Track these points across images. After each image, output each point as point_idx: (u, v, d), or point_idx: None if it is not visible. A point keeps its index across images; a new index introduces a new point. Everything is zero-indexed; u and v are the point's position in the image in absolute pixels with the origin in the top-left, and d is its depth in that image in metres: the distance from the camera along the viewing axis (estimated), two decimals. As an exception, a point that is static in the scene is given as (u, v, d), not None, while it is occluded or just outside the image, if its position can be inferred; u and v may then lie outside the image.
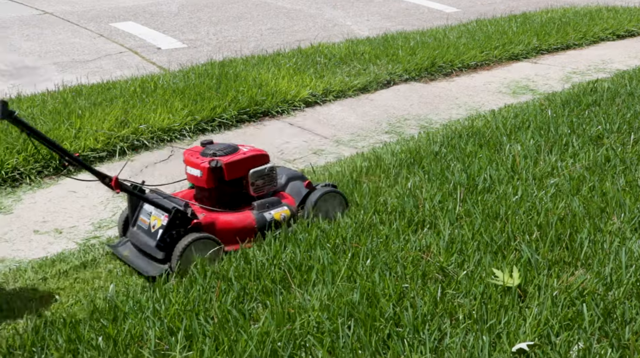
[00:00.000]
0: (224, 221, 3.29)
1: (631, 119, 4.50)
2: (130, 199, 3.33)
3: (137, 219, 3.33)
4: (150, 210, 3.27)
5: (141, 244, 3.24)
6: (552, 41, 7.86)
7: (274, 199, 3.46)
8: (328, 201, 3.50)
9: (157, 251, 3.14)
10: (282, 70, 6.26)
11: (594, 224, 3.12)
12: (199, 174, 3.33)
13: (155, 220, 3.22)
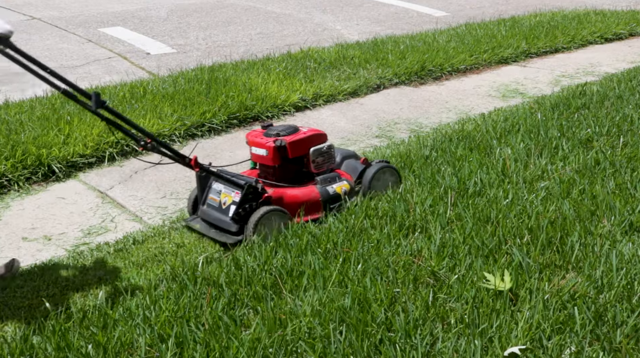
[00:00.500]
0: (291, 195, 3.58)
1: (620, 122, 4.52)
2: (200, 180, 3.63)
3: (207, 198, 3.63)
4: (220, 189, 3.59)
5: (213, 219, 3.54)
6: (541, 45, 7.89)
7: (334, 174, 3.77)
8: (384, 176, 3.78)
9: (231, 225, 3.44)
10: (272, 75, 6.25)
11: (584, 227, 3.12)
12: (265, 153, 3.62)
13: (225, 197, 3.53)
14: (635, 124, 4.47)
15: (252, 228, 3.33)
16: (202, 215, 3.62)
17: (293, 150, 3.63)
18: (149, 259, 3.27)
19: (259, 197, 3.46)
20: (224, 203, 3.52)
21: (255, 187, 3.44)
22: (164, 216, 3.97)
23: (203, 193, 3.66)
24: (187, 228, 3.66)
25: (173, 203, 4.16)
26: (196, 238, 3.46)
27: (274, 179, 3.67)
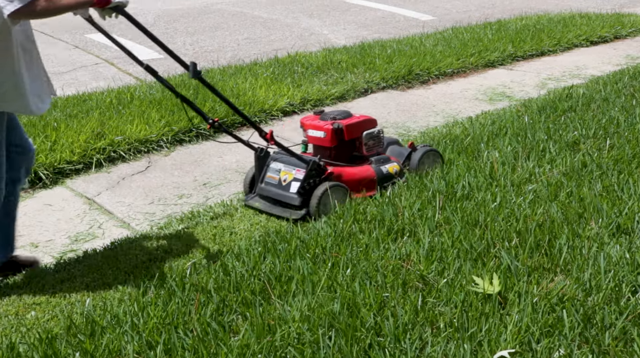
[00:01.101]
0: (349, 173, 3.92)
1: (606, 125, 4.54)
2: (258, 160, 3.96)
3: (265, 177, 3.93)
4: (279, 167, 3.90)
5: (274, 195, 3.84)
6: (527, 48, 7.92)
7: (385, 156, 4.11)
8: (429, 158, 4.15)
9: (295, 199, 3.75)
10: (259, 79, 6.24)
11: (572, 230, 3.13)
12: (323, 135, 3.95)
13: (286, 175, 3.85)
14: (621, 126, 4.50)
15: (317, 202, 3.68)
16: (261, 192, 3.92)
17: (349, 132, 3.97)
18: (137, 265, 3.26)
19: (321, 173, 3.80)
20: (284, 180, 3.84)
21: (318, 164, 3.79)
22: (151, 223, 3.95)
23: (261, 172, 3.96)
24: (247, 206, 3.95)
25: (161, 209, 4.15)
26: (184, 244, 3.44)
27: (330, 159, 3.95)
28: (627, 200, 3.38)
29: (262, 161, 3.96)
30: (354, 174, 3.93)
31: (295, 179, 3.78)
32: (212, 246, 3.39)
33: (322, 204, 3.68)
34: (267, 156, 3.98)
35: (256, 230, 3.54)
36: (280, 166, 3.90)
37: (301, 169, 3.80)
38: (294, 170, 3.83)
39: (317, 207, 3.67)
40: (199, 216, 3.86)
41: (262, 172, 3.96)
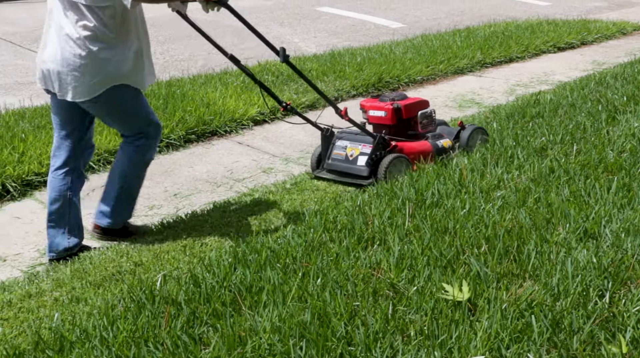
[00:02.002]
0: (410, 147, 4.41)
1: (573, 130, 4.60)
2: (324, 139, 4.47)
3: (332, 154, 4.44)
4: (345, 144, 4.43)
5: (342, 169, 4.37)
6: (495, 55, 8.01)
7: (438, 133, 4.63)
8: (477, 135, 4.67)
9: (364, 171, 4.26)
10: (229, 89, 6.23)
11: (540, 235, 3.16)
12: (384, 114, 4.47)
13: (352, 150, 4.37)
14: (587, 131, 4.56)
15: (384, 170, 4.17)
16: (329, 167, 4.45)
17: (406, 112, 4.48)
18: (106, 278, 3.22)
19: (386, 147, 4.30)
20: (351, 155, 4.35)
21: (384, 138, 4.29)
22: (121, 234, 3.92)
23: (327, 149, 4.47)
24: (317, 178, 4.48)
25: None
26: (154, 255, 3.42)
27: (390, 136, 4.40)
28: (593, 205, 3.42)
29: (328, 140, 4.49)
30: (413, 147, 4.41)
31: (362, 154, 4.30)
32: (183, 258, 3.37)
33: (389, 173, 4.17)
34: (332, 135, 4.50)
35: (226, 240, 3.52)
36: (345, 143, 4.43)
37: (367, 145, 4.31)
38: (360, 146, 4.35)
39: (385, 175, 4.15)
40: (170, 227, 3.84)
41: (329, 149, 4.46)
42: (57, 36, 3.33)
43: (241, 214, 3.86)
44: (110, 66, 3.35)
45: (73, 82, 3.33)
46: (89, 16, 3.27)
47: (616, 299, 2.64)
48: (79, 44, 3.29)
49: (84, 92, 3.35)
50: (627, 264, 2.84)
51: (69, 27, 3.29)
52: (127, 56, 3.39)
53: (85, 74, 3.32)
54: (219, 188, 4.57)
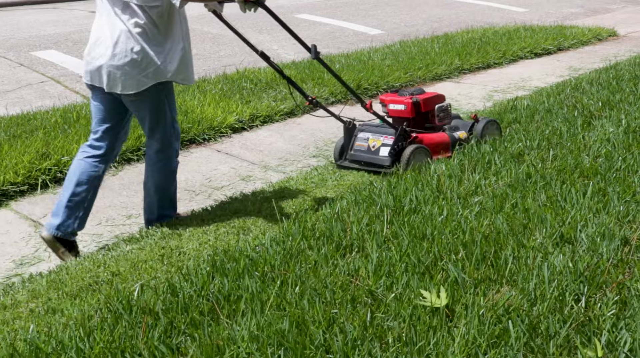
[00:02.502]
0: (429, 138, 4.72)
1: (550, 136, 4.63)
2: (347, 131, 4.77)
3: (354, 145, 4.74)
4: (367, 136, 4.72)
5: (365, 159, 4.68)
6: (473, 61, 8.07)
7: (454, 126, 4.96)
8: (491, 128, 4.99)
9: (386, 160, 4.56)
10: (207, 96, 6.22)
11: (517, 240, 3.18)
12: (403, 108, 4.76)
13: (374, 141, 4.67)
14: (564, 137, 4.60)
15: (406, 160, 4.47)
16: (352, 158, 4.75)
17: (425, 105, 4.80)
18: (83, 289, 3.20)
19: (408, 138, 4.60)
20: (374, 146, 4.66)
21: (405, 130, 4.59)
22: (99, 244, 3.90)
23: (350, 141, 4.77)
24: (340, 167, 4.80)
25: (109, 230, 4.09)
26: (131, 265, 3.39)
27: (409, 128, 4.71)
28: (569, 210, 3.45)
29: (350, 132, 4.78)
30: (432, 138, 4.73)
31: (384, 145, 4.61)
32: (160, 267, 3.35)
33: (410, 161, 4.46)
34: (355, 127, 4.80)
35: (205, 249, 3.51)
36: (367, 135, 4.73)
37: (389, 136, 4.61)
38: (382, 137, 4.65)
39: (407, 164, 4.45)
40: (147, 236, 3.82)
41: (351, 141, 4.76)
42: (109, 34, 3.58)
43: (219, 223, 3.84)
44: (159, 62, 3.59)
45: (123, 76, 3.58)
46: (140, 14, 3.53)
47: (592, 303, 2.66)
48: (131, 40, 3.54)
49: (132, 85, 3.60)
50: (602, 268, 2.86)
51: (121, 25, 3.55)
52: (174, 54, 3.64)
53: (135, 68, 3.56)
54: (197, 196, 4.55)
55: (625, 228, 3.20)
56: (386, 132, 4.66)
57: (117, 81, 3.59)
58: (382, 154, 4.59)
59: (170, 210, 4.05)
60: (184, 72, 3.73)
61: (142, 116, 3.81)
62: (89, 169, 3.77)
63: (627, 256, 2.96)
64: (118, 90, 3.61)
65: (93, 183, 3.78)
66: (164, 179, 3.95)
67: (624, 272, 2.85)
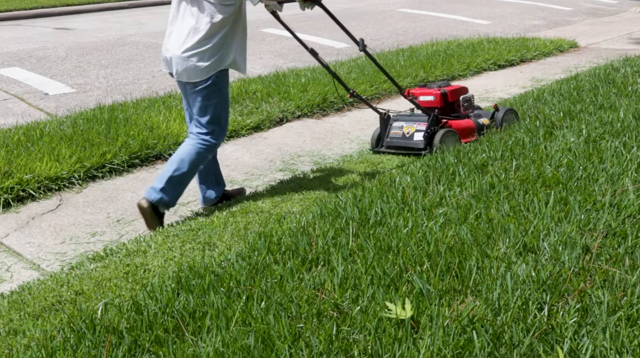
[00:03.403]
0: (457, 124, 5.33)
1: (513, 146, 4.69)
2: (382, 121, 5.39)
3: (389, 133, 5.35)
4: (401, 124, 5.34)
5: (400, 144, 5.29)
6: (438, 73, 8.14)
7: (478, 113, 5.59)
8: (510, 115, 5.58)
9: (421, 143, 5.17)
10: (173, 112, 6.19)
11: (481, 251, 3.21)
12: (433, 99, 5.37)
13: (408, 128, 5.29)
14: (526, 147, 4.65)
15: (438, 142, 5.06)
16: (388, 144, 5.35)
17: (451, 96, 5.41)
18: (45, 309, 3.15)
19: (439, 123, 5.23)
20: (408, 133, 5.26)
21: (437, 116, 5.22)
22: (63, 263, 3.85)
23: (385, 130, 5.38)
24: (377, 152, 5.41)
25: (72, 248, 4.04)
26: (95, 283, 3.35)
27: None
28: (532, 219, 3.49)
29: (386, 122, 5.39)
30: (460, 124, 5.32)
31: (418, 131, 5.21)
32: (125, 285, 3.32)
33: (443, 143, 5.04)
34: (389, 118, 5.39)
35: (170, 265, 3.48)
36: (402, 123, 5.33)
37: (421, 123, 5.22)
38: (415, 124, 5.25)
39: (440, 145, 5.02)
40: (112, 254, 3.78)
41: (387, 130, 5.36)
42: (183, 27, 4.03)
43: (185, 239, 3.82)
44: (223, 53, 4.06)
45: (189, 66, 4.02)
46: (213, 11, 3.97)
47: (554, 311, 2.69)
48: (202, 33, 3.98)
49: (198, 74, 4.04)
50: (564, 277, 2.90)
51: (194, 19, 3.98)
52: (236, 45, 4.12)
53: (203, 59, 4.01)
54: (163, 213, 4.51)
55: (586, 236, 3.25)
56: (419, 120, 5.25)
57: (185, 71, 4.03)
58: (417, 139, 5.17)
59: (172, 194, 4.19)
60: (238, 61, 4.17)
61: (198, 102, 4.15)
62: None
63: (589, 264, 3.00)
64: (184, 79, 4.08)
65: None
66: (188, 162, 4.16)
67: (585, 280, 2.88)
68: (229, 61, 4.10)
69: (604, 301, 2.68)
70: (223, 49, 4.05)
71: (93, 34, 11.62)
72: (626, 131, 4.73)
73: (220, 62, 4.07)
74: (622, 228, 3.29)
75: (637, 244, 3.14)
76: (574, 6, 15.86)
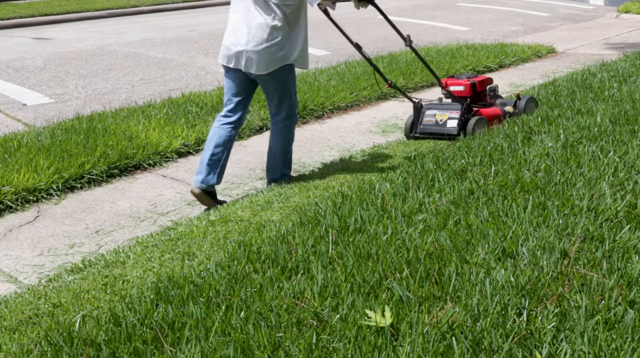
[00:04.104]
0: (486, 111, 5.85)
1: (491, 152, 4.71)
2: (416, 109, 5.85)
3: (422, 121, 5.80)
4: (434, 112, 5.78)
5: (434, 131, 5.74)
6: (417, 79, 8.19)
7: (504, 101, 6.10)
8: (531, 104, 6.11)
9: (454, 129, 5.62)
10: (152, 121, 6.16)
11: (460, 257, 3.21)
12: (463, 89, 5.85)
13: (441, 116, 5.72)
14: (505, 152, 4.68)
15: (472, 128, 5.52)
16: (421, 131, 5.81)
17: (479, 86, 5.92)
18: (22, 322, 3.11)
19: (470, 111, 5.73)
20: (441, 120, 5.71)
21: (469, 104, 5.71)
22: (40, 275, 3.81)
23: (419, 117, 5.82)
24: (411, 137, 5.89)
25: (51, 260, 4.01)
26: (73, 295, 3.32)
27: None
28: (511, 224, 3.50)
29: (419, 111, 5.83)
30: (489, 111, 5.85)
31: (450, 118, 5.66)
32: (104, 297, 3.29)
33: (475, 129, 5.49)
34: (422, 107, 5.84)
35: (149, 276, 3.46)
36: (434, 111, 5.78)
37: (454, 111, 5.67)
38: (448, 112, 5.70)
39: (472, 131, 5.47)
40: (90, 265, 3.75)
41: (420, 117, 5.80)
42: (248, 25, 4.49)
43: (164, 249, 3.80)
44: (286, 49, 4.53)
45: (258, 59, 4.49)
46: (276, 11, 4.44)
47: (533, 316, 2.70)
48: (266, 31, 4.46)
49: (263, 67, 4.52)
50: (543, 281, 2.91)
51: (259, 18, 4.45)
52: (298, 42, 4.58)
53: (268, 54, 4.49)
54: (142, 223, 4.49)
55: (564, 241, 3.27)
56: (451, 108, 5.70)
57: (253, 64, 4.51)
58: (450, 126, 5.62)
59: (289, 170, 4.98)
60: (303, 57, 4.67)
61: (272, 91, 4.72)
62: (224, 134, 4.69)
63: (567, 269, 3.01)
64: (253, 71, 4.54)
65: (227, 145, 4.72)
66: (287, 143, 4.88)
67: (563, 284, 2.90)
68: (294, 56, 4.58)
69: (581, 305, 2.69)
70: (288, 45, 4.52)
71: (72, 43, 11.56)
72: (603, 136, 4.77)
73: (287, 58, 4.55)
74: (600, 232, 3.31)
75: (614, 248, 3.16)
76: (552, 12, 16.01)
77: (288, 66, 4.60)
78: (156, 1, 18.55)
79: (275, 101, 4.75)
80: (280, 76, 4.61)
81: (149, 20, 15.51)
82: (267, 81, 4.64)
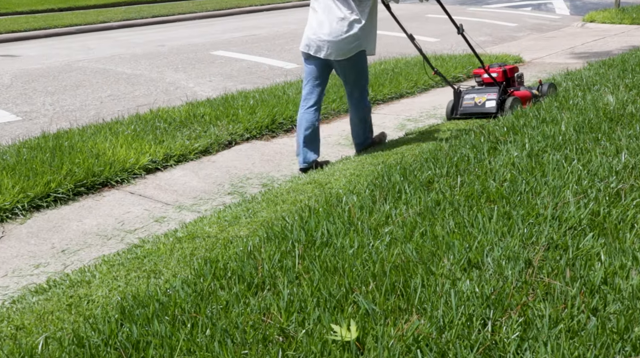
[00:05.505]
0: (519, 93, 6.75)
1: (458, 162, 4.74)
2: (456, 95, 6.79)
3: (462, 104, 6.72)
4: (472, 96, 6.70)
5: (474, 111, 6.62)
6: (386, 91, 8.21)
7: (529, 86, 7.02)
8: (552, 88, 6.97)
9: (493, 108, 6.49)
10: (120, 138, 6.12)
11: (426, 268, 3.22)
12: (496, 75, 6.74)
13: (479, 99, 6.62)
14: (471, 163, 4.71)
15: (509, 106, 6.38)
16: (462, 112, 6.69)
17: (510, 73, 6.84)
18: (-16, 346, 3.06)
19: (506, 93, 6.67)
20: (480, 102, 6.60)
21: (505, 87, 6.68)
22: (4, 297, 3.76)
23: (458, 101, 6.74)
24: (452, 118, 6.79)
25: (15, 281, 3.95)
26: (37, 317, 3.27)
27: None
28: (476, 235, 3.52)
29: (458, 95, 6.76)
30: (521, 93, 6.75)
31: (488, 99, 6.54)
32: (68, 317, 3.25)
33: (511, 108, 6.29)
34: (460, 92, 6.78)
35: (114, 295, 3.42)
36: (473, 95, 6.69)
37: (491, 94, 6.56)
38: (486, 95, 6.60)
39: (509, 110, 6.27)
40: (55, 285, 3.70)
41: (459, 101, 6.71)
42: (329, 20, 5.37)
43: (130, 267, 3.76)
44: (362, 38, 5.41)
45: (337, 48, 5.39)
46: (355, 7, 5.35)
47: (497, 327, 2.71)
48: (347, 24, 5.35)
49: (342, 54, 5.42)
50: (507, 291, 2.93)
51: (340, 13, 5.34)
52: (371, 32, 5.49)
53: (347, 43, 5.38)
54: (109, 241, 4.45)
55: (529, 250, 3.29)
56: (488, 91, 6.60)
57: (333, 51, 5.40)
58: (489, 106, 6.50)
59: (371, 134, 5.99)
60: (372, 44, 5.55)
61: (348, 73, 5.59)
62: (310, 118, 5.57)
63: (531, 278, 3.03)
64: (332, 57, 5.43)
65: (314, 125, 5.58)
66: (365, 113, 5.82)
67: (527, 294, 2.91)
68: (367, 44, 5.47)
69: (545, 314, 2.71)
70: (362, 35, 5.37)
71: (39, 60, 11.46)
72: (567, 144, 4.82)
73: (361, 45, 5.43)
74: (564, 240, 3.34)
75: (577, 256, 3.19)
76: (519, 22, 16.20)
77: (362, 51, 5.45)
78: (125, 16, 18.48)
79: (351, 81, 5.61)
80: (355, 60, 5.46)
81: (118, 35, 15.43)
82: (345, 66, 5.49)
